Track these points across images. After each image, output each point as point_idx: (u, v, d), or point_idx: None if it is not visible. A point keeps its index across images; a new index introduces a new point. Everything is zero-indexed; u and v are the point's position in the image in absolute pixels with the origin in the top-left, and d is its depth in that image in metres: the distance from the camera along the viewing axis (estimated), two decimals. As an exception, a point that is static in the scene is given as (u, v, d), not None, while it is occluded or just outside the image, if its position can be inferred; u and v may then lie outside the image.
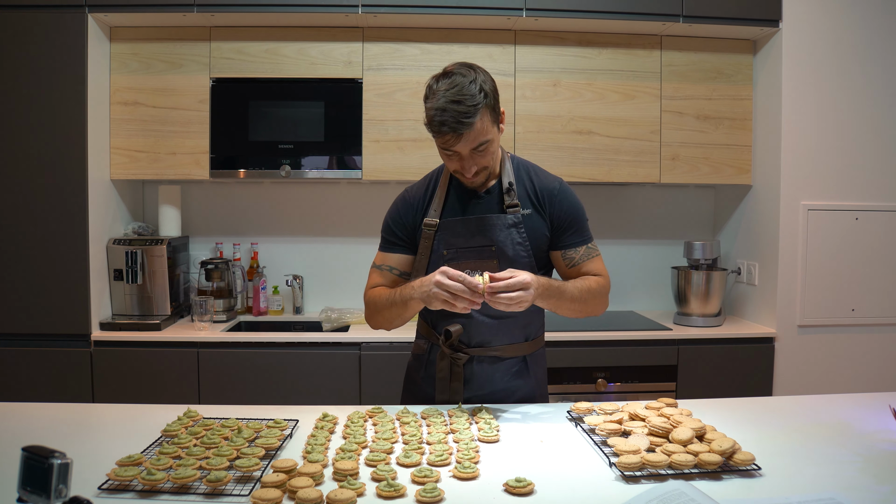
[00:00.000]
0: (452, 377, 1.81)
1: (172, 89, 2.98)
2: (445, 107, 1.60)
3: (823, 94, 2.98)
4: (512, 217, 1.76)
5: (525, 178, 1.82)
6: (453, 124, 1.60)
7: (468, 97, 1.60)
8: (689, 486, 1.17)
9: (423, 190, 1.85)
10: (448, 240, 1.78)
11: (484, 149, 1.66)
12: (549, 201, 1.79)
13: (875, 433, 1.57)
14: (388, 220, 1.86)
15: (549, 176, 1.85)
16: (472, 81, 1.62)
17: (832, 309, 3.01)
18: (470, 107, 1.60)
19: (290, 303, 3.32)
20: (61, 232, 2.79)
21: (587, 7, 2.90)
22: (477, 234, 1.77)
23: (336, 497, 1.18)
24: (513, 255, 1.76)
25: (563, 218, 1.80)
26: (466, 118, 1.59)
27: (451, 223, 1.78)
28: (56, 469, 0.97)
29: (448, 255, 1.77)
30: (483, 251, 1.76)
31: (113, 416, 1.71)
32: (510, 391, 1.83)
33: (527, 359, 1.85)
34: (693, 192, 3.53)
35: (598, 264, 1.84)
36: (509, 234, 1.76)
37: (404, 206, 1.84)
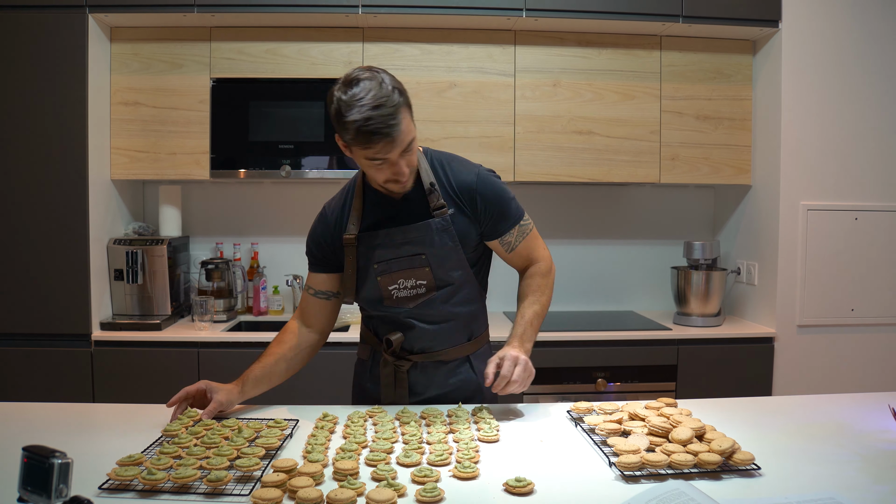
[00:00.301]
0: (397, 383, 1.80)
1: (173, 89, 2.98)
2: (370, 115, 1.49)
3: (823, 94, 2.98)
4: (439, 220, 1.68)
5: (441, 173, 1.72)
6: (385, 130, 1.50)
7: (387, 98, 1.51)
8: (688, 485, 1.17)
9: (340, 205, 1.77)
10: (374, 252, 1.72)
11: (410, 149, 1.58)
12: (468, 198, 1.71)
13: (874, 433, 1.57)
14: (309, 240, 1.80)
15: (463, 168, 1.74)
16: (381, 83, 1.53)
17: (832, 309, 3.02)
18: (392, 108, 1.51)
19: (290, 303, 3.32)
20: (62, 232, 2.79)
21: (587, 7, 2.90)
22: (404, 243, 1.70)
23: (336, 497, 1.18)
24: (444, 259, 1.71)
25: (489, 210, 1.72)
26: (393, 120, 1.51)
27: (372, 236, 1.71)
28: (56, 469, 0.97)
29: (379, 269, 1.72)
30: (414, 260, 1.70)
31: (113, 416, 1.71)
32: (455, 391, 1.81)
33: (470, 358, 1.83)
34: (693, 192, 3.53)
35: (536, 241, 1.81)
36: (440, 239, 1.69)
37: (321, 225, 1.78)
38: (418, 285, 1.72)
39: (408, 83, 3.07)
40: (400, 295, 1.74)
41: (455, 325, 1.78)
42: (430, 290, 1.73)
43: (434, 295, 1.73)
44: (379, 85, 1.53)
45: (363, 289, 1.76)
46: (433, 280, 1.72)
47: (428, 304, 1.73)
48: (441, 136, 3.03)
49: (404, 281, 1.72)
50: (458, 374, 1.82)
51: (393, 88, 1.54)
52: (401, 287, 1.73)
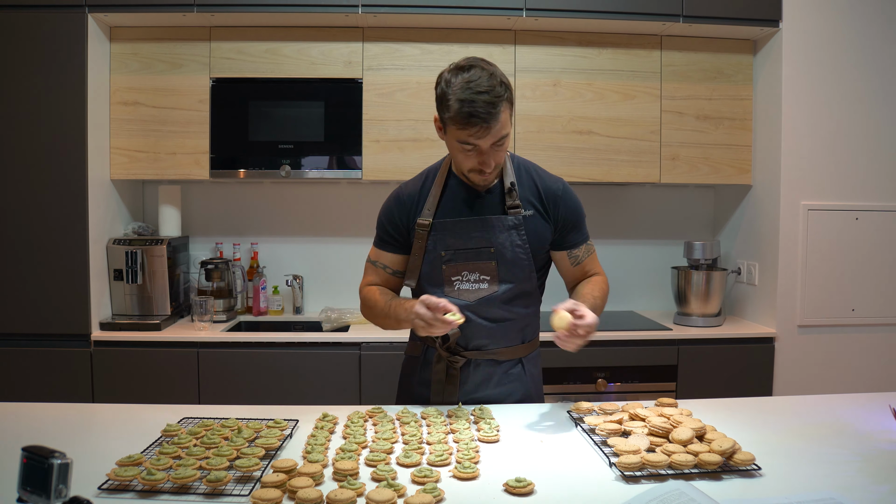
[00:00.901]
0: (448, 380, 1.80)
1: (172, 89, 2.98)
2: (474, 98, 1.57)
3: (823, 94, 2.98)
4: (513, 219, 1.74)
5: (526, 178, 1.80)
6: (484, 115, 1.57)
7: (493, 88, 1.59)
8: (689, 486, 1.17)
9: (417, 188, 1.82)
10: (445, 240, 1.76)
11: (502, 143, 1.64)
12: (553, 203, 1.78)
13: (874, 433, 1.57)
14: (382, 218, 1.84)
15: (551, 177, 1.83)
16: (492, 74, 1.62)
17: (832, 309, 3.01)
18: (495, 97, 1.58)
19: (290, 303, 3.32)
20: (61, 232, 2.79)
21: (587, 7, 2.90)
22: (475, 235, 1.74)
23: (336, 497, 1.18)
24: (512, 257, 1.74)
25: (568, 219, 1.80)
26: (494, 109, 1.58)
27: (446, 224, 1.76)
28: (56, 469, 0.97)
29: (446, 257, 1.75)
30: (481, 252, 1.75)
31: (113, 416, 1.71)
32: (506, 393, 1.82)
33: (523, 361, 1.85)
34: (693, 192, 3.53)
35: (596, 260, 1.89)
36: (509, 236, 1.74)
37: (397, 205, 1.82)
38: (482, 279, 1.76)
39: (408, 83, 3.10)
40: (462, 287, 1.76)
41: (511, 326, 1.80)
42: (493, 285, 1.76)
43: (495, 292, 1.76)
44: (490, 75, 1.62)
45: (427, 275, 1.78)
46: (497, 275, 1.75)
47: (488, 301, 1.76)
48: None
49: (469, 273, 1.76)
50: (510, 377, 1.83)
51: (500, 82, 1.62)
52: (464, 279, 1.76)
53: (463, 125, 1.59)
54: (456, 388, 1.80)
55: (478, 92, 1.57)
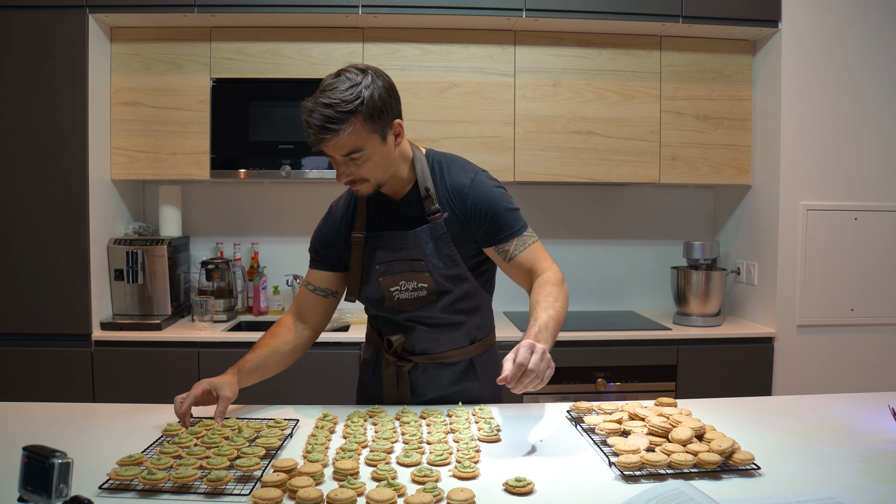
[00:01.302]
0: (399, 383, 1.80)
1: (173, 89, 2.99)
2: (314, 108, 1.50)
3: (823, 94, 2.98)
4: (436, 226, 1.67)
5: (439, 176, 1.70)
6: (316, 127, 1.50)
7: (340, 103, 1.49)
8: (688, 485, 1.17)
9: (346, 203, 1.78)
10: (377, 253, 1.72)
11: (359, 158, 1.55)
12: (460, 199, 1.67)
13: (874, 433, 1.57)
14: (313, 238, 1.82)
15: (461, 170, 1.71)
16: (353, 86, 1.51)
17: (831, 309, 3.02)
18: (339, 113, 1.49)
19: (290, 303, 3.32)
20: (62, 232, 2.79)
21: (587, 7, 2.91)
22: (403, 247, 1.70)
23: (336, 497, 1.18)
24: (443, 266, 1.68)
25: (481, 215, 1.66)
26: (331, 124, 1.49)
27: (377, 237, 1.71)
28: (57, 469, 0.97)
29: (381, 270, 1.72)
30: (414, 264, 1.69)
31: (113, 416, 1.71)
32: (458, 394, 1.80)
33: (474, 361, 1.82)
34: (693, 192, 3.53)
35: (539, 253, 1.70)
36: (436, 247, 1.67)
37: (327, 224, 1.80)
38: (419, 288, 1.72)
39: (408, 83, 3.10)
40: (401, 297, 1.73)
41: (456, 329, 1.77)
42: (432, 293, 1.72)
43: (434, 300, 1.72)
44: (350, 86, 1.52)
45: (366, 288, 1.76)
46: (434, 284, 1.71)
47: (429, 308, 1.73)
48: (441, 136, 3.04)
49: (406, 283, 1.72)
50: (460, 379, 1.81)
51: (358, 97, 1.51)
52: (402, 289, 1.72)
53: (305, 135, 1.54)
54: (407, 390, 1.80)
55: (325, 104, 1.49)
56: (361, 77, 1.55)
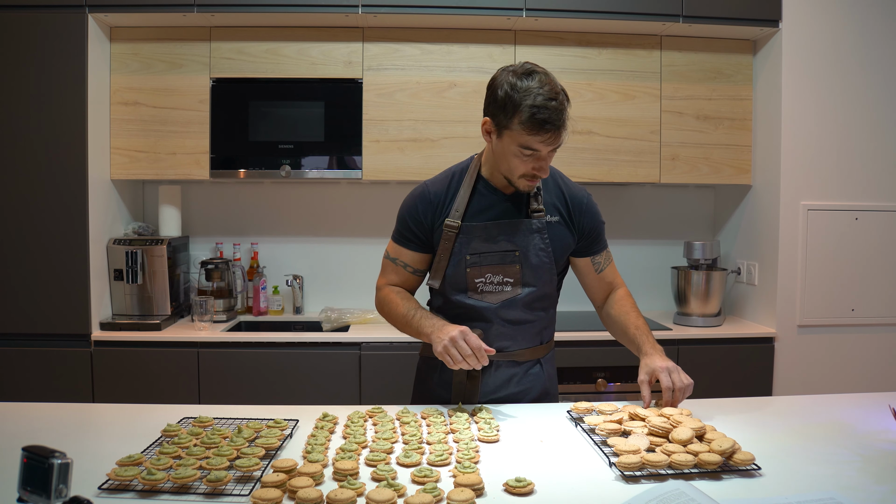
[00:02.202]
0: (470, 382, 1.80)
1: (172, 89, 2.98)
2: (546, 104, 1.59)
3: (823, 94, 2.98)
4: (537, 222, 1.76)
5: (553, 185, 1.82)
6: (556, 121, 1.59)
7: (559, 95, 1.61)
8: (688, 485, 1.17)
9: (444, 188, 1.80)
10: (471, 243, 1.76)
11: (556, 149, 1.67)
12: (578, 212, 1.81)
13: (875, 433, 1.57)
14: (405, 215, 1.82)
15: (577, 186, 1.87)
16: (553, 81, 1.64)
17: (832, 309, 3.02)
18: (562, 105, 1.61)
19: (290, 303, 3.32)
20: (61, 232, 2.79)
21: (587, 7, 2.90)
22: (500, 238, 1.75)
23: (336, 497, 1.18)
24: (536, 261, 1.76)
25: (592, 228, 1.84)
26: (562, 116, 1.61)
27: (474, 227, 1.76)
28: (56, 469, 0.97)
29: (471, 260, 1.76)
30: (506, 256, 1.75)
31: (113, 416, 1.71)
32: (525, 392, 1.84)
33: (541, 360, 1.87)
34: (693, 192, 3.53)
35: (615, 268, 1.95)
36: (533, 240, 1.76)
37: (424, 204, 1.79)
38: (505, 282, 1.77)
39: (408, 83, 3.10)
40: (485, 289, 1.77)
41: (531, 328, 1.82)
42: (516, 288, 1.77)
43: (518, 295, 1.77)
44: (552, 81, 1.63)
45: (451, 276, 1.78)
46: (520, 279, 1.76)
47: (510, 304, 1.77)
48: (441, 136, 3.03)
49: (492, 276, 1.76)
50: (529, 376, 1.84)
51: (562, 89, 1.64)
52: (487, 281, 1.77)
53: (535, 131, 1.60)
54: (477, 389, 1.80)
55: (549, 98, 1.59)
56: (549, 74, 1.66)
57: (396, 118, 3.03)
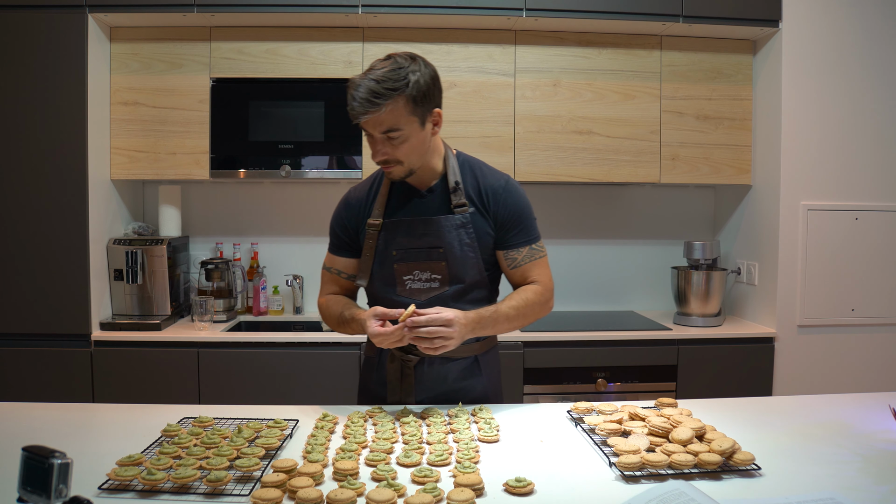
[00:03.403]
0: (403, 379, 1.80)
1: (172, 89, 2.98)
2: (361, 83, 1.58)
3: (823, 94, 2.98)
4: (459, 217, 1.73)
5: (469, 176, 1.78)
6: (360, 100, 1.58)
7: (387, 80, 1.57)
8: (688, 485, 1.17)
9: (365, 191, 1.82)
10: (395, 239, 1.76)
11: (396, 137, 1.63)
12: (493, 199, 1.76)
13: (875, 433, 1.57)
14: (333, 224, 1.86)
15: (495, 173, 1.81)
16: (400, 68, 1.60)
17: (832, 309, 3.01)
18: (385, 89, 1.57)
19: (290, 303, 3.32)
20: (61, 232, 2.79)
21: (587, 7, 2.90)
22: (424, 234, 1.74)
23: (336, 497, 1.18)
24: (460, 255, 1.74)
25: (507, 217, 1.76)
26: (375, 98, 1.57)
27: (395, 223, 1.76)
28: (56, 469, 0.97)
29: (397, 256, 1.76)
30: (431, 252, 1.74)
31: (113, 416, 1.71)
32: (462, 391, 1.82)
33: (478, 358, 1.83)
34: (693, 192, 3.53)
35: (542, 268, 1.81)
36: (457, 235, 1.74)
37: (346, 209, 1.83)
38: (432, 279, 1.76)
39: (408, 83, 3.07)
40: (413, 286, 1.77)
41: None
42: (444, 285, 1.76)
43: (446, 291, 1.76)
44: (397, 68, 1.60)
45: (379, 273, 1.79)
46: (448, 275, 1.75)
47: (439, 300, 1.75)
48: (441, 136, 3.02)
49: (420, 272, 1.75)
50: (464, 376, 1.82)
51: (404, 78, 1.59)
52: (415, 278, 1.76)
53: (349, 107, 1.61)
54: (411, 386, 1.80)
55: (373, 80, 1.58)
56: (410, 62, 1.63)
57: (396, 118, 3.02)
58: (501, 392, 1.94)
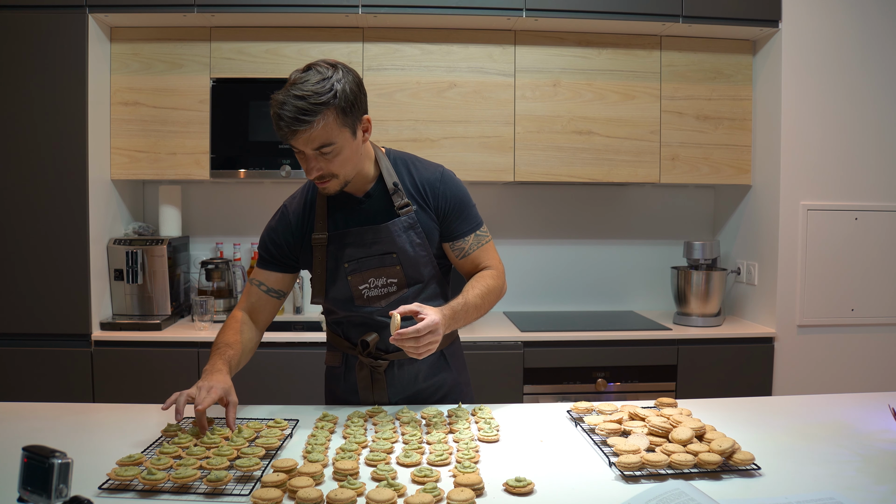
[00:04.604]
0: (374, 384, 1.78)
1: (173, 89, 2.98)
2: (286, 100, 1.51)
3: (823, 94, 2.98)
4: (406, 219, 1.69)
5: (405, 172, 1.74)
6: (289, 119, 1.51)
7: (313, 94, 1.51)
8: (688, 485, 1.17)
9: (301, 204, 1.76)
10: (345, 251, 1.71)
11: (329, 152, 1.56)
12: (431, 193, 1.72)
13: (875, 433, 1.57)
14: (265, 238, 1.78)
15: (429, 166, 1.77)
16: (324, 79, 1.53)
17: (832, 309, 3.02)
18: (312, 105, 1.50)
19: (290, 303, 3.32)
20: (62, 232, 2.79)
21: (587, 7, 2.90)
22: (374, 242, 1.70)
23: (336, 497, 1.18)
24: (414, 257, 1.71)
25: (448, 208, 1.73)
26: (304, 115, 1.50)
27: (342, 235, 1.71)
28: (56, 469, 0.97)
29: (350, 268, 1.71)
30: (385, 259, 1.71)
31: (113, 416, 1.71)
32: (434, 387, 1.81)
33: (444, 352, 1.83)
34: (693, 192, 3.53)
35: (490, 253, 1.79)
36: (408, 238, 1.70)
37: (282, 224, 1.76)
38: (389, 283, 1.73)
39: (408, 83, 3.10)
40: (371, 294, 1.73)
41: None
42: (401, 288, 1.73)
43: (405, 293, 1.74)
44: (321, 80, 1.54)
45: (333, 289, 1.74)
46: (404, 278, 1.72)
47: (399, 302, 1.72)
48: (441, 136, 3.04)
49: (375, 280, 1.72)
50: (434, 372, 1.81)
51: (331, 89, 1.52)
52: (371, 286, 1.73)
53: (276, 128, 1.55)
54: (384, 390, 1.78)
55: (297, 96, 1.51)
56: (332, 71, 1.57)
57: (396, 118, 3.03)
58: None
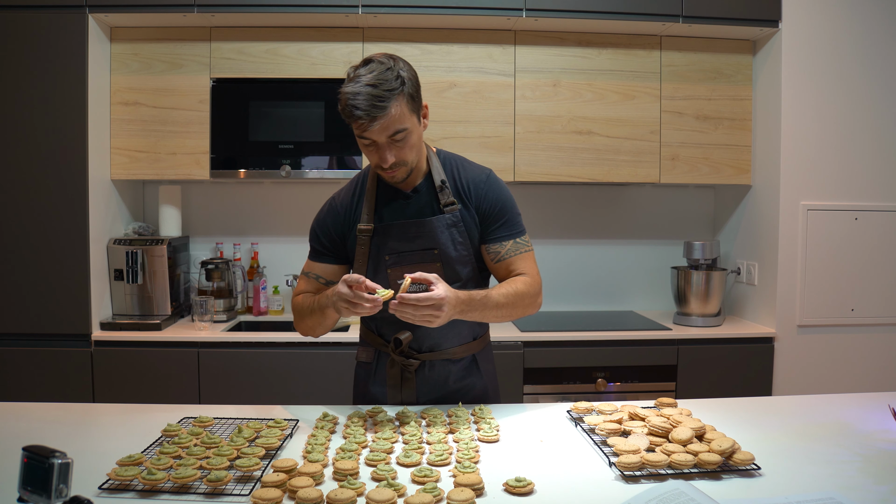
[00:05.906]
0: (404, 383, 1.78)
1: (173, 89, 2.98)
2: (360, 90, 1.55)
3: (823, 94, 2.98)
4: (450, 217, 1.71)
5: (453, 171, 1.76)
6: (366, 108, 1.54)
7: (384, 82, 1.56)
8: (688, 485, 1.17)
9: (349, 196, 1.79)
10: (387, 244, 1.72)
11: (402, 138, 1.60)
12: (474, 193, 1.74)
13: (875, 433, 1.57)
14: (315, 228, 1.81)
15: (476, 167, 1.79)
16: (389, 69, 1.59)
17: (832, 309, 3.02)
18: (385, 91, 1.55)
19: (290, 303, 3.31)
20: (62, 232, 2.79)
21: (587, 7, 2.91)
22: (417, 237, 1.71)
23: (336, 497, 1.18)
24: (455, 255, 1.72)
25: (489, 210, 1.73)
26: (380, 102, 1.54)
27: (388, 227, 1.72)
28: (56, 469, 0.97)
29: (390, 261, 1.73)
30: (425, 254, 1.72)
31: (113, 416, 1.71)
32: (464, 391, 1.81)
33: (476, 357, 1.83)
34: (693, 192, 3.53)
35: (528, 262, 1.76)
36: (450, 235, 1.71)
37: (331, 216, 1.79)
38: None
39: (408, 83, 3.06)
40: (410, 289, 1.73)
41: (462, 324, 1.77)
42: None
43: None
44: (386, 69, 1.59)
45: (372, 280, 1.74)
46: (443, 275, 1.72)
47: None
48: (441, 136, 3.03)
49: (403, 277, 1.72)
50: (464, 375, 1.81)
51: (398, 76, 1.59)
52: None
53: (349, 118, 1.58)
54: (413, 390, 1.78)
55: (367, 84, 1.55)
56: (392, 61, 1.63)
57: (396, 118, 3.02)
58: (499, 388, 1.93)
